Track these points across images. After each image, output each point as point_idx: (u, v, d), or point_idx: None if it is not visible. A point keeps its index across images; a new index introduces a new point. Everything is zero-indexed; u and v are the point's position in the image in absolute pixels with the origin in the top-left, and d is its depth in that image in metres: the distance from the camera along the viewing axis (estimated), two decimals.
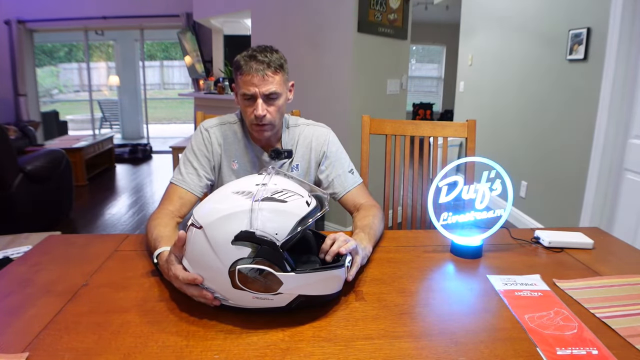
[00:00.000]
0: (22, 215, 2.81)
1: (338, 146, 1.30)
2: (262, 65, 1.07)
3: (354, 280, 0.90)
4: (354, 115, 2.86)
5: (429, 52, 9.45)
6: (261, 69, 1.07)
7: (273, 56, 1.10)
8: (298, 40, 3.07)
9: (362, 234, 1.01)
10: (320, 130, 1.29)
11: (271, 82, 1.09)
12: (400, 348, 0.68)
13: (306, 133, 1.28)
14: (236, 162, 1.24)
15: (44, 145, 5.00)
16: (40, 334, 0.70)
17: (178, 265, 0.78)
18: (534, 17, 3.21)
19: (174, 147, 3.76)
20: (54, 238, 1.14)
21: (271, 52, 1.10)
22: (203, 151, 1.22)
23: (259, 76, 1.08)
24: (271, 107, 1.12)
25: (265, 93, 1.09)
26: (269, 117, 1.12)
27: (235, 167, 1.23)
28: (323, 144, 1.27)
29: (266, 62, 1.08)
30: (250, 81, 1.08)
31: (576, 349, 0.67)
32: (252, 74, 1.08)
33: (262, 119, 1.11)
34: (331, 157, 1.27)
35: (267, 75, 1.08)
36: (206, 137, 1.22)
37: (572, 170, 2.76)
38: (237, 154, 1.24)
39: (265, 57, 1.08)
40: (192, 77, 5.94)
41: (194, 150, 1.22)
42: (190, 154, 1.21)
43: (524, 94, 3.36)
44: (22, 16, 5.99)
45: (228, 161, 1.24)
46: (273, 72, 1.09)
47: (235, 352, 0.66)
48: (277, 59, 1.10)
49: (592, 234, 1.16)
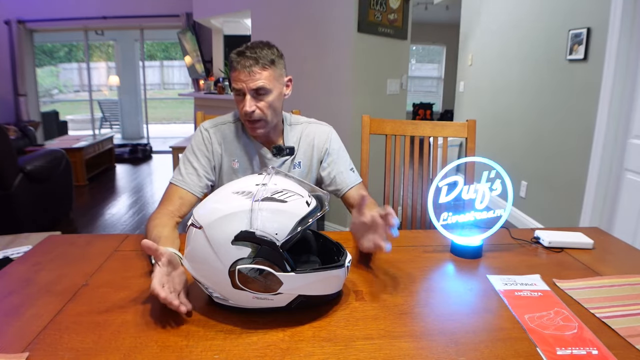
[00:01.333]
0: (22, 215, 2.81)
1: (340, 144, 1.31)
2: (249, 61, 1.08)
3: (354, 280, 0.90)
4: (354, 115, 2.86)
5: (429, 52, 9.45)
6: (247, 65, 1.08)
7: (263, 52, 1.10)
8: (298, 40, 3.07)
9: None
10: (322, 128, 1.30)
11: (258, 78, 1.09)
12: (400, 348, 0.68)
13: (308, 131, 1.28)
14: (236, 160, 1.24)
15: (44, 145, 5.00)
16: (40, 334, 0.70)
17: (158, 271, 0.75)
18: (534, 17, 3.21)
19: (174, 147, 3.76)
20: (54, 238, 1.14)
21: (261, 48, 1.11)
22: (203, 151, 1.22)
23: (245, 72, 1.09)
24: (260, 102, 1.12)
25: (252, 88, 1.10)
26: (258, 112, 1.12)
27: (236, 165, 1.24)
28: (325, 142, 1.28)
29: (254, 57, 1.09)
30: (238, 77, 1.10)
31: (576, 349, 0.67)
32: (240, 70, 1.09)
33: (251, 114, 1.11)
34: (333, 154, 1.28)
35: (253, 72, 1.09)
36: (206, 137, 1.23)
37: (572, 170, 2.76)
38: (237, 153, 1.24)
39: (254, 53, 1.09)
40: (192, 77, 5.95)
41: (194, 150, 1.22)
42: (190, 155, 1.22)
43: (524, 94, 3.36)
44: (22, 16, 5.99)
45: (229, 160, 1.24)
46: (261, 67, 1.09)
47: (235, 352, 0.66)
48: (267, 54, 1.10)
49: (592, 234, 1.16)
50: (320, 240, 0.89)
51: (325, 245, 0.88)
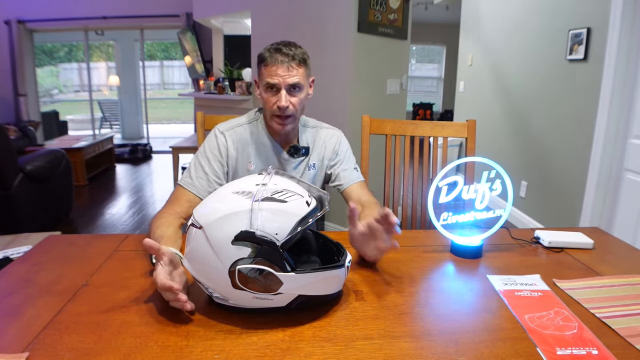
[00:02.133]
0: (22, 215, 2.81)
1: (348, 147, 1.37)
2: (287, 57, 1.11)
3: (354, 280, 0.90)
4: (354, 115, 2.86)
5: (429, 52, 9.45)
6: (286, 60, 1.11)
7: (297, 50, 1.14)
8: (298, 40, 3.04)
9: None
10: (334, 132, 1.36)
11: (295, 74, 1.13)
12: (400, 348, 0.68)
13: (322, 134, 1.33)
14: (252, 162, 1.24)
15: (44, 145, 5.00)
16: (40, 334, 0.70)
17: (160, 269, 0.76)
18: (534, 17, 3.21)
19: (174, 147, 3.76)
20: (54, 238, 1.14)
21: (295, 47, 1.15)
22: (216, 155, 1.21)
23: (283, 67, 1.11)
24: (294, 98, 1.15)
25: (289, 83, 1.12)
26: (291, 108, 1.15)
27: (252, 167, 1.24)
28: (336, 144, 1.34)
29: (291, 54, 1.12)
30: (275, 72, 1.12)
31: (576, 349, 0.67)
32: (277, 65, 1.11)
33: (285, 110, 1.14)
34: (341, 154, 1.34)
35: (291, 67, 1.12)
36: (221, 142, 1.22)
37: (572, 170, 2.76)
38: (253, 154, 1.25)
39: (290, 50, 1.12)
40: (192, 77, 5.95)
41: (207, 154, 1.21)
42: (202, 158, 1.21)
43: (524, 94, 3.36)
44: (22, 16, 5.99)
45: (244, 163, 1.24)
46: (297, 64, 1.13)
47: (235, 352, 0.66)
48: (301, 53, 1.15)
49: (592, 234, 1.16)
50: (320, 240, 0.89)
51: (325, 245, 0.88)
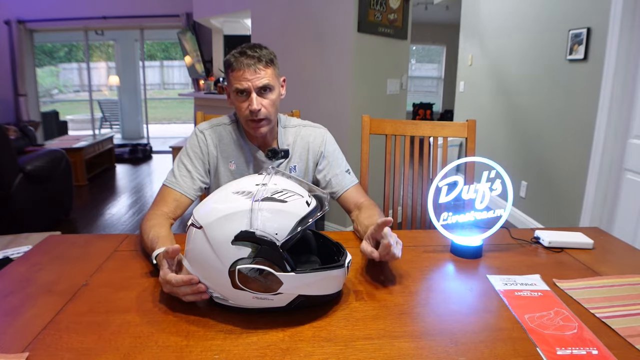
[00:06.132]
0: (22, 215, 2.81)
1: (335, 146, 1.31)
2: (252, 59, 1.09)
3: (354, 280, 0.90)
4: (354, 115, 2.86)
5: (429, 52, 9.45)
6: (252, 63, 1.09)
7: (262, 51, 1.11)
8: (298, 40, 3.07)
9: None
10: (317, 130, 1.30)
11: (263, 76, 1.10)
12: (400, 348, 0.68)
13: (303, 134, 1.28)
14: (233, 162, 1.23)
15: (44, 145, 4.99)
16: (40, 334, 0.70)
17: (168, 270, 0.77)
18: (534, 17, 3.21)
19: (174, 147, 3.76)
20: (54, 238, 1.14)
21: (260, 48, 1.12)
22: (197, 153, 1.21)
23: (250, 70, 1.09)
24: (265, 100, 1.13)
25: (258, 86, 1.10)
26: (264, 111, 1.12)
27: (233, 167, 1.23)
28: (320, 144, 1.28)
29: (256, 56, 1.10)
30: (243, 76, 1.09)
31: (576, 349, 0.67)
32: (244, 69, 1.09)
33: (258, 113, 1.11)
34: (328, 157, 1.28)
35: (258, 69, 1.09)
36: (201, 140, 1.22)
37: (572, 170, 2.76)
38: (234, 155, 1.24)
39: (255, 52, 1.10)
40: (192, 77, 5.95)
41: (189, 153, 1.21)
42: (184, 157, 1.21)
43: (524, 94, 3.36)
44: (22, 16, 5.99)
45: (225, 162, 1.23)
46: (264, 65, 1.10)
47: (235, 352, 0.66)
48: (266, 53, 1.12)
49: (592, 234, 1.16)
50: (320, 240, 0.89)
51: (325, 245, 0.88)
